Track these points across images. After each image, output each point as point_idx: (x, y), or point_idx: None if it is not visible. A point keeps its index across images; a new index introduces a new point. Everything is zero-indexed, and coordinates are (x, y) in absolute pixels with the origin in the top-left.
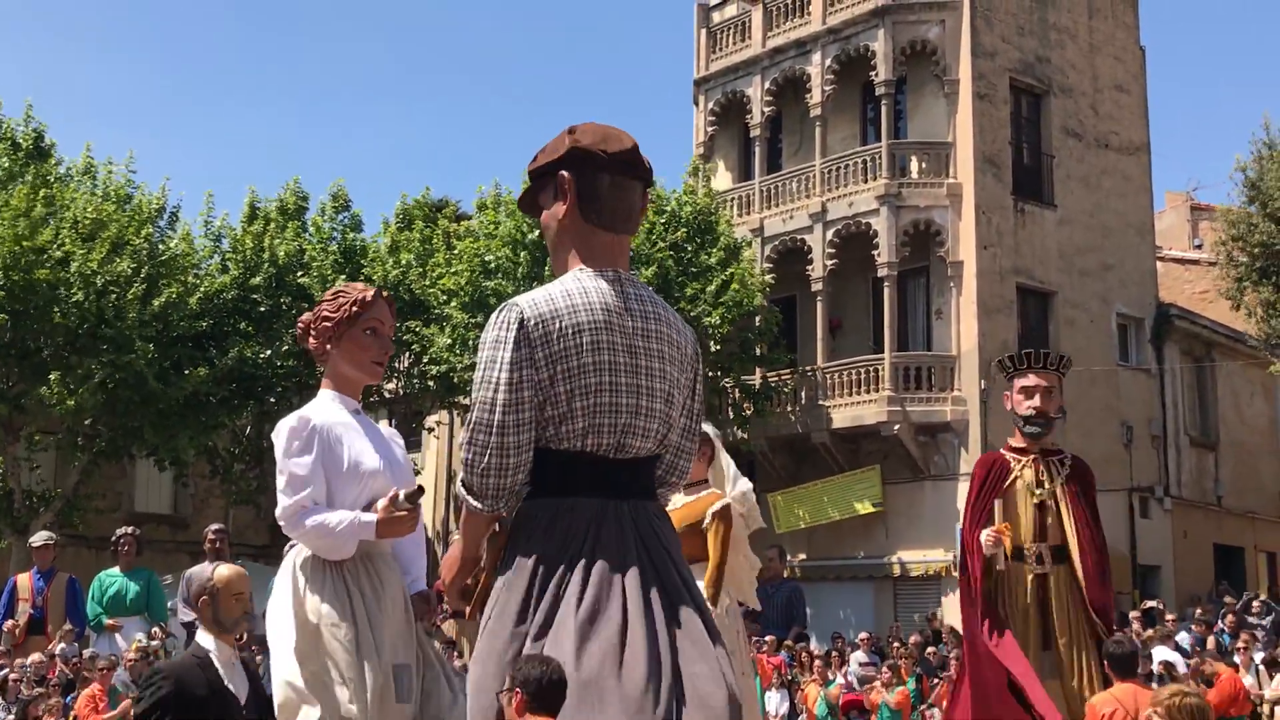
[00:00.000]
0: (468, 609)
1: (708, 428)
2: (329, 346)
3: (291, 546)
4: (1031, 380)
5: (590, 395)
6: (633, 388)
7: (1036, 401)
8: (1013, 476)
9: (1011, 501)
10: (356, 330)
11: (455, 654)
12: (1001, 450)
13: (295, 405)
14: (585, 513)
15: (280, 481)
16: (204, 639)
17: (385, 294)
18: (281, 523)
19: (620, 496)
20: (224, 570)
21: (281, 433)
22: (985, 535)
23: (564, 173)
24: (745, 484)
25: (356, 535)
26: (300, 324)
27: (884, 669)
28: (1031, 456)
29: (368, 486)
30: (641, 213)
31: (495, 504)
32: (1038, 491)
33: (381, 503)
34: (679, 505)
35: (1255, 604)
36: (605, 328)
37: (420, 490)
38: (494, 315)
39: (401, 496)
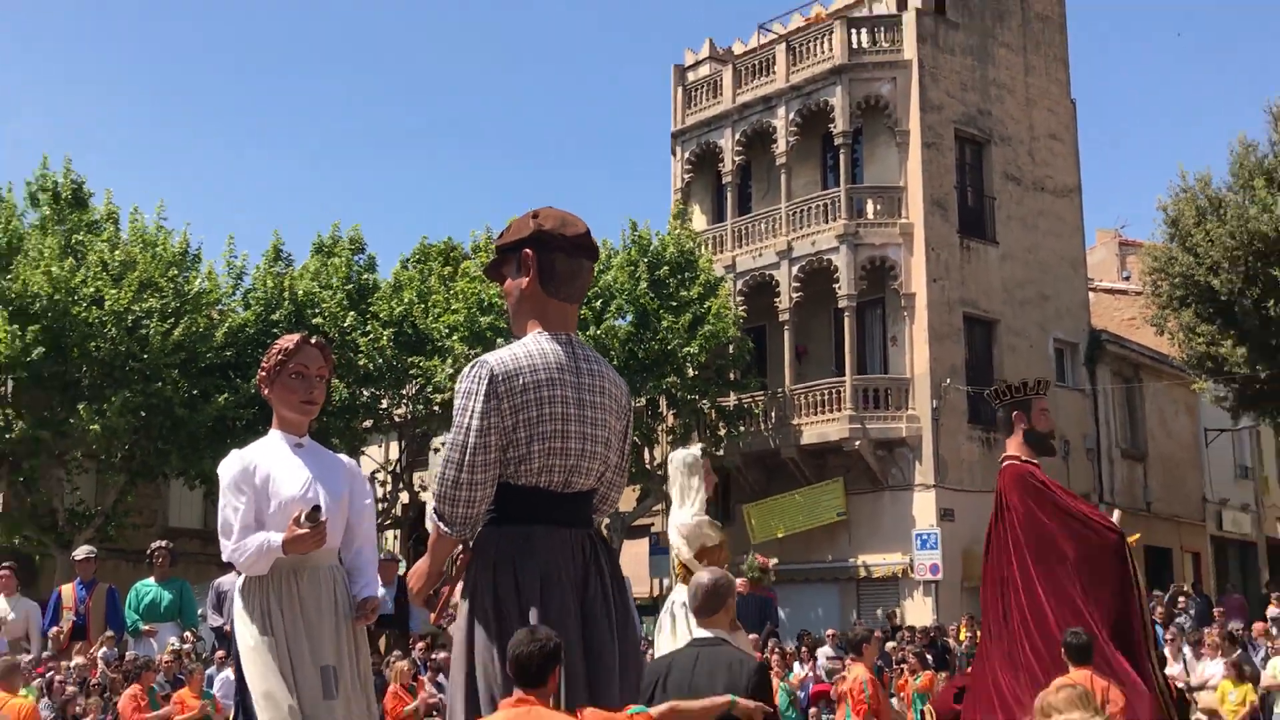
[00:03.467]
0: (433, 616)
1: (695, 449)
2: (268, 391)
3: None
4: (1047, 404)
5: (545, 440)
6: (580, 434)
7: (1051, 422)
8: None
9: None
10: (285, 375)
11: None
12: (1021, 463)
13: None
14: (541, 539)
15: (220, 518)
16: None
17: (315, 340)
18: (223, 554)
19: (568, 525)
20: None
21: (221, 475)
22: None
23: (528, 250)
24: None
25: (269, 555)
26: (258, 379)
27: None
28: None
29: (289, 512)
30: (587, 285)
31: (462, 530)
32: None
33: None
34: (720, 524)
35: (1181, 598)
36: (559, 383)
37: (316, 509)
38: (466, 370)
39: (303, 518)
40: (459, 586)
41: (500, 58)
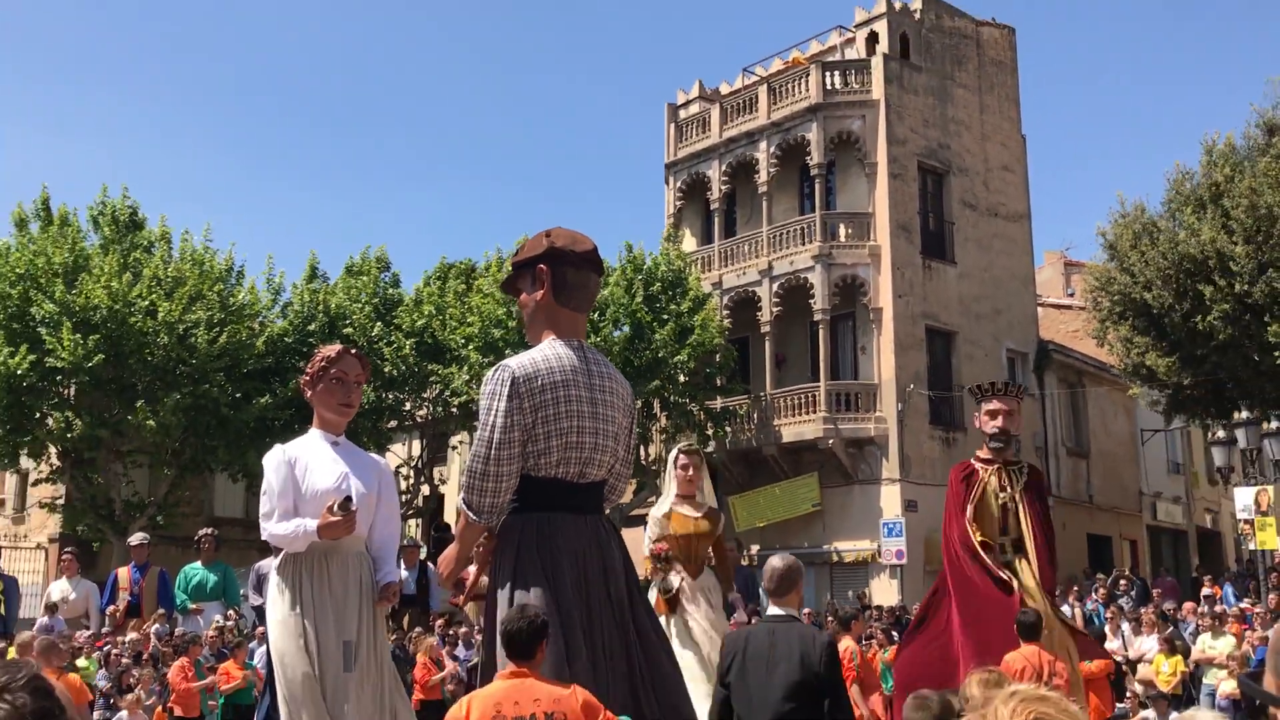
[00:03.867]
0: (461, 599)
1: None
2: (310, 394)
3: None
4: (995, 405)
5: (562, 435)
6: (592, 430)
7: (1000, 422)
8: (981, 482)
9: (983, 502)
10: (326, 380)
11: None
12: (971, 460)
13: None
14: (559, 525)
15: (262, 501)
16: None
17: (353, 350)
18: (262, 533)
19: (583, 512)
20: None
21: (266, 464)
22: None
23: (542, 266)
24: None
25: (304, 538)
26: (301, 383)
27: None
28: (996, 466)
29: (323, 501)
30: (595, 296)
31: (489, 517)
32: (1001, 495)
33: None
34: (697, 515)
35: (1122, 581)
36: (573, 384)
37: (348, 500)
38: (490, 373)
39: (335, 507)
40: (484, 575)
41: (515, 99)
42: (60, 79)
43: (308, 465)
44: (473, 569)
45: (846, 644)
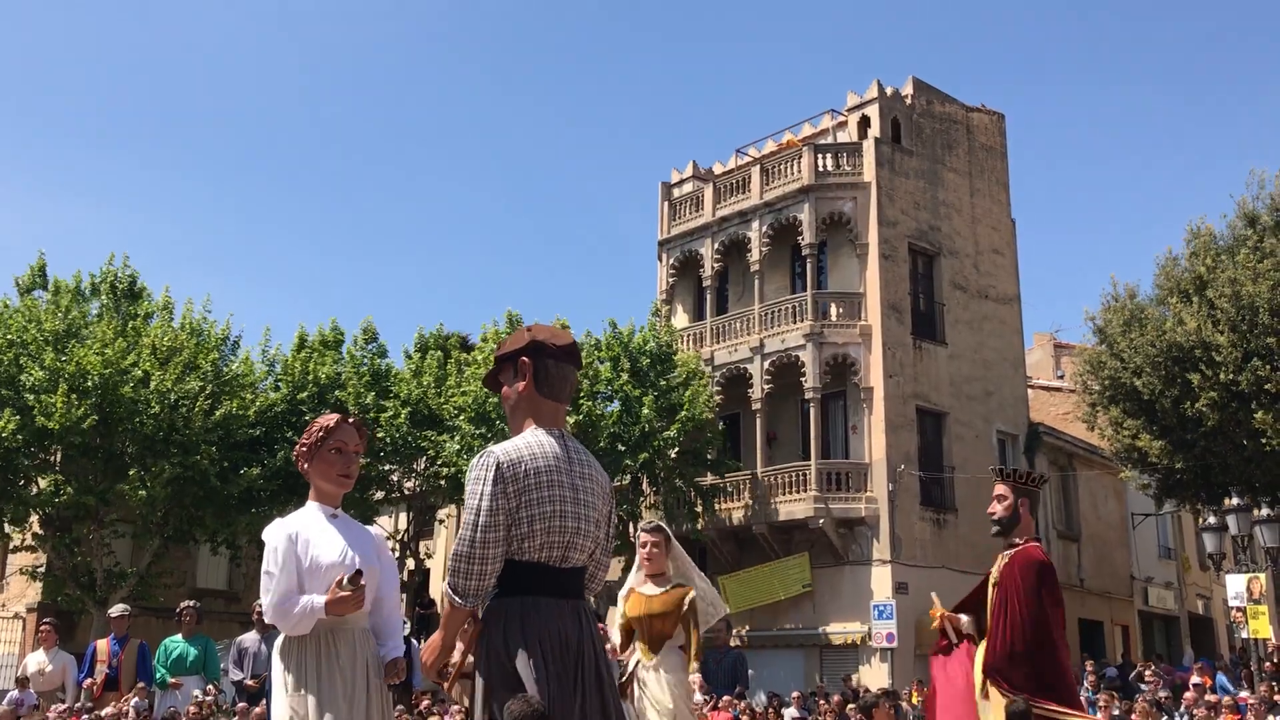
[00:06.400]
0: (446, 684)
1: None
2: (306, 466)
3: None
4: (995, 489)
5: (545, 520)
6: (574, 515)
7: (991, 507)
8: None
9: (986, 588)
10: (325, 451)
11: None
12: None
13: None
14: (544, 608)
15: (264, 580)
16: None
17: (351, 419)
18: (265, 614)
19: (565, 596)
20: None
21: (267, 540)
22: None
23: (524, 358)
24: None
25: (311, 615)
26: (294, 454)
27: None
28: (1000, 552)
29: (328, 577)
30: (574, 388)
31: (474, 600)
32: (994, 581)
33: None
34: (658, 593)
35: (1148, 674)
36: (555, 470)
37: (359, 574)
38: (476, 459)
39: (345, 581)
40: (469, 657)
41: (510, 176)
42: (60, 143)
43: (309, 539)
44: (458, 653)
45: None
